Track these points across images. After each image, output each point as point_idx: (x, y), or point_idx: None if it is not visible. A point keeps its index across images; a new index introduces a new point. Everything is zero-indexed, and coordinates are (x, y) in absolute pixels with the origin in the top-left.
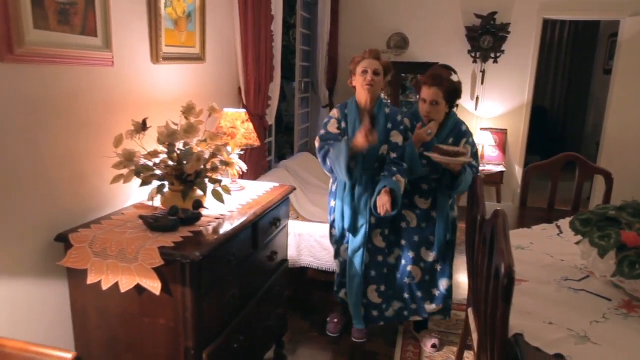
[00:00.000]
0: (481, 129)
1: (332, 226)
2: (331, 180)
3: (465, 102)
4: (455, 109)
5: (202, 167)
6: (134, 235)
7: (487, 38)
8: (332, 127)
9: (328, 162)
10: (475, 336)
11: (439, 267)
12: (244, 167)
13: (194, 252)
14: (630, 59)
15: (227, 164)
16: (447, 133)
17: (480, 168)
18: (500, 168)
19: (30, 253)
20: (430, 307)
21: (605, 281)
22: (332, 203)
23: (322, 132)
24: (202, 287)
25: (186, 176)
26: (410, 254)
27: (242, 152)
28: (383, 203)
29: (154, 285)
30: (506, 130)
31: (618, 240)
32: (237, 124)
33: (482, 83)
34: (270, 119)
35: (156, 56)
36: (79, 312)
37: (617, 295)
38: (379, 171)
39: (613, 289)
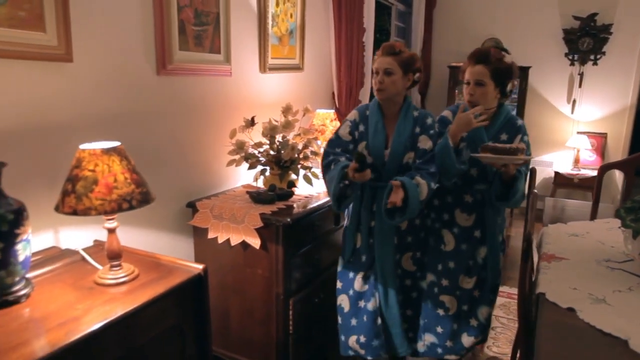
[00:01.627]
0: (577, 132)
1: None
2: None
3: (561, 106)
4: (509, 96)
5: (296, 155)
6: (242, 205)
7: (586, 40)
8: (344, 131)
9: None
10: None
11: (477, 294)
12: None
13: (286, 218)
14: None
15: (316, 154)
16: (498, 128)
17: (574, 172)
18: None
19: (170, 214)
20: (469, 339)
21: None
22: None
23: (333, 136)
24: (291, 247)
25: (283, 162)
26: (444, 282)
27: None
28: (395, 198)
29: (255, 242)
30: (606, 134)
31: None
32: (327, 122)
33: (580, 86)
34: None
35: (264, 67)
36: (200, 262)
37: None
38: None
39: None
